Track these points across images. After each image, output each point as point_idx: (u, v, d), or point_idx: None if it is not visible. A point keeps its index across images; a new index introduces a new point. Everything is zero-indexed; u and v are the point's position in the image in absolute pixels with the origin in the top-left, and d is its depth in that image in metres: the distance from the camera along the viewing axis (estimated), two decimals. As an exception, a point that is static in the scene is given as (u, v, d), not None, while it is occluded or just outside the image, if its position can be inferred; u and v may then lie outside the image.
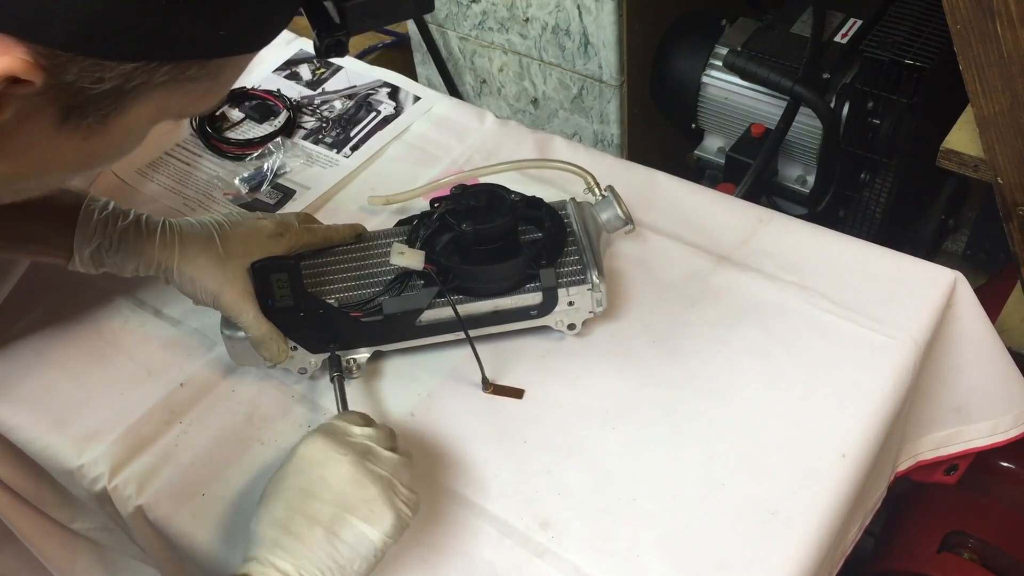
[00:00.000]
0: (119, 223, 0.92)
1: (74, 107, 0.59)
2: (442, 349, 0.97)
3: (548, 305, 0.94)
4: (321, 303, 0.93)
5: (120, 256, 0.92)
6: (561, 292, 0.94)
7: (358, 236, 1.00)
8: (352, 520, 0.74)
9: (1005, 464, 1.38)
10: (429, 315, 0.93)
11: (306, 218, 1.00)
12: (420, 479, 0.89)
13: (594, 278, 0.93)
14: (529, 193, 0.99)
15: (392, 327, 0.94)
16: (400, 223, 1.04)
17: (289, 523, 0.74)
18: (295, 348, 0.94)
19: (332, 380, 0.92)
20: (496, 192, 0.95)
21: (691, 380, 0.94)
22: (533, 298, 0.94)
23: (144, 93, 0.61)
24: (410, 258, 0.91)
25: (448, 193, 0.97)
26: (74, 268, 0.93)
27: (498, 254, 0.93)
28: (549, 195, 1.03)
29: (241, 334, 0.92)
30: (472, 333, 0.93)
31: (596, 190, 1.03)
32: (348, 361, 0.95)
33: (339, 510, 0.74)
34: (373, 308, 0.93)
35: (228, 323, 0.93)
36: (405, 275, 0.94)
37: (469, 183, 0.99)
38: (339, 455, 0.77)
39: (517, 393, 0.93)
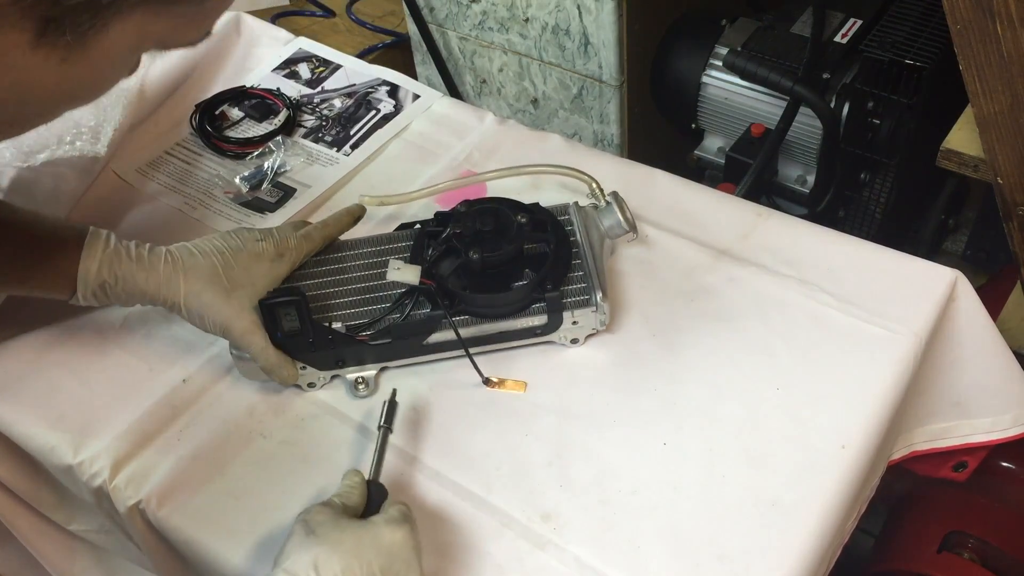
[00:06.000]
0: (123, 259, 0.92)
1: (50, 20, 0.57)
2: (445, 345, 0.98)
3: (552, 325, 0.95)
4: (328, 330, 0.93)
5: (125, 293, 0.92)
6: (566, 314, 0.94)
7: (356, 220, 1.01)
8: None
9: (1005, 464, 1.39)
10: (435, 336, 0.94)
11: (301, 225, 1.00)
12: (422, 472, 0.89)
13: (598, 299, 0.94)
14: (531, 195, 0.99)
15: (399, 347, 0.95)
16: (401, 227, 1.04)
17: None
18: (304, 368, 0.95)
19: (378, 429, 0.89)
20: (503, 213, 0.96)
21: (691, 373, 0.94)
22: (538, 319, 0.95)
23: (125, 11, 0.59)
24: (406, 273, 0.92)
25: (445, 196, 0.97)
26: (75, 303, 0.93)
27: (504, 278, 0.94)
28: (551, 196, 1.04)
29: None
30: (478, 349, 0.94)
31: (600, 197, 1.03)
32: (357, 379, 0.96)
33: None
34: (380, 330, 0.93)
35: None
36: (411, 291, 0.94)
37: (471, 193, 0.99)
38: None
39: (519, 387, 0.93)
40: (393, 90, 1.31)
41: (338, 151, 1.23)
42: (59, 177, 1.12)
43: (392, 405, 0.90)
